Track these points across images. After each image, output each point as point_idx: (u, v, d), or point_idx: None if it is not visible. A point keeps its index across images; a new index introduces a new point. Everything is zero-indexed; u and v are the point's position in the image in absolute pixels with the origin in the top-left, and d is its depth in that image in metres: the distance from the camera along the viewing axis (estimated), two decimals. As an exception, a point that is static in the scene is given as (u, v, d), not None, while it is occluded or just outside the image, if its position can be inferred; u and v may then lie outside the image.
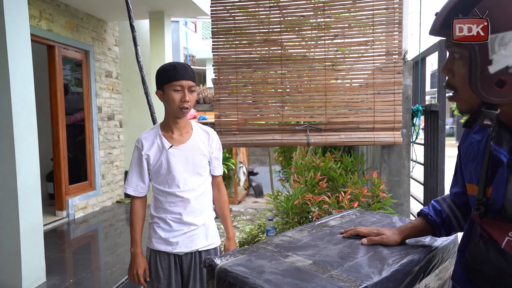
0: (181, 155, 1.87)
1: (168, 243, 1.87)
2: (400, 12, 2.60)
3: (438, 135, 2.77)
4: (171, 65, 1.78)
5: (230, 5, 2.83)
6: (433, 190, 2.85)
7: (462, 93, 0.85)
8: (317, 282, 0.93)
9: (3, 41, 2.77)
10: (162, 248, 1.88)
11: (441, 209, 1.16)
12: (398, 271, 1.02)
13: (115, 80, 6.31)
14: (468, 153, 1.01)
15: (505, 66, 0.75)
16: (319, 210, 2.62)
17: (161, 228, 1.88)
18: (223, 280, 1.02)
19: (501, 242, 0.82)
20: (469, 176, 1.00)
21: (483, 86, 0.78)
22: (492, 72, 0.76)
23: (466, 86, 0.82)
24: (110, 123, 6.18)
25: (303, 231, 1.34)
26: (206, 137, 1.92)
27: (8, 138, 2.86)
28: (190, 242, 1.87)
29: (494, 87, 0.77)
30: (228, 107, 2.91)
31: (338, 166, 2.89)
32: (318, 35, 2.75)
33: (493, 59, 0.76)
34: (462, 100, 0.86)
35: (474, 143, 0.99)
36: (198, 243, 1.89)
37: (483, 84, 0.78)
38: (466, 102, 0.86)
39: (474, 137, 1.00)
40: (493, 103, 0.79)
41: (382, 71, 2.68)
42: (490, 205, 0.86)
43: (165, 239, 1.86)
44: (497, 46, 0.75)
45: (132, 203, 1.92)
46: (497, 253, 0.82)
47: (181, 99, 1.72)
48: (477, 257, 0.86)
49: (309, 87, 2.84)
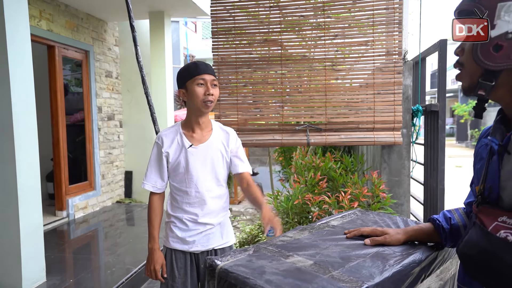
0: (200, 155, 1.86)
1: (184, 242, 1.88)
2: (400, 12, 2.60)
3: (438, 135, 2.76)
4: (193, 63, 1.82)
5: (230, 5, 2.83)
6: (433, 190, 2.85)
7: (467, 67, 0.92)
8: (318, 282, 0.93)
9: (3, 41, 2.77)
10: (178, 247, 1.89)
11: (451, 217, 1.16)
12: (400, 271, 1.02)
13: (115, 80, 6.31)
14: (477, 157, 1.04)
15: (505, 31, 0.82)
16: (319, 210, 2.62)
17: (177, 228, 1.88)
18: (224, 280, 1.02)
19: (489, 226, 0.83)
20: (477, 178, 1.02)
21: (482, 50, 0.85)
22: (492, 36, 0.83)
23: (470, 58, 0.89)
24: (110, 123, 6.18)
25: (304, 231, 1.34)
26: (225, 137, 1.92)
27: (8, 138, 2.85)
28: (207, 241, 1.88)
29: (492, 51, 0.84)
30: (228, 107, 2.91)
31: (338, 166, 2.89)
32: (318, 35, 2.75)
33: (496, 24, 0.83)
34: (466, 74, 0.93)
35: (482, 146, 1.02)
36: (214, 242, 1.90)
37: (483, 48, 0.85)
38: (469, 76, 0.92)
39: (483, 141, 1.03)
40: (488, 68, 0.86)
41: (382, 71, 2.68)
42: (487, 194, 0.90)
43: (181, 238, 1.87)
44: (503, 13, 0.82)
45: (150, 199, 1.93)
46: (483, 236, 0.84)
47: (205, 93, 1.74)
48: (467, 242, 0.88)
49: (309, 87, 2.84)
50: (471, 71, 0.91)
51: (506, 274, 0.78)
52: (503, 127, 0.91)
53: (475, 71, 0.89)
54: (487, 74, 0.87)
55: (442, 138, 2.75)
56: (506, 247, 0.78)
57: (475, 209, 0.92)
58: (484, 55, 0.85)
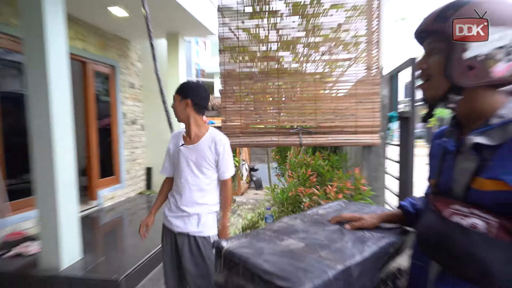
0: (188, 154, 1.96)
1: (167, 220, 2.02)
2: (378, 34, 2.60)
3: (410, 137, 2.76)
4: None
5: (234, 27, 2.83)
6: (405, 183, 2.84)
7: (434, 80, 0.89)
8: (308, 261, 0.93)
9: (45, 59, 2.78)
10: (165, 223, 2.05)
11: (415, 203, 1.18)
12: (377, 252, 1.03)
13: (137, 90, 6.31)
14: (431, 156, 1.05)
15: (475, 55, 0.81)
16: (309, 200, 2.62)
17: (167, 208, 2.04)
18: (229, 260, 1.02)
19: (444, 211, 0.84)
20: (431, 172, 1.03)
21: (457, 69, 0.83)
22: (466, 57, 0.82)
23: (440, 73, 0.86)
24: (133, 127, 6.18)
25: (296, 219, 1.34)
26: (213, 143, 1.94)
27: (49, 140, 2.86)
28: (183, 225, 1.96)
29: (465, 71, 0.82)
30: (233, 113, 2.91)
31: (325, 163, 2.89)
32: (309, 52, 2.75)
33: (469, 47, 0.81)
34: (433, 87, 0.90)
35: (435, 146, 1.03)
36: (189, 228, 1.96)
37: (457, 67, 0.83)
38: (435, 89, 0.89)
39: (436, 142, 1.04)
40: (460, 85, 0.84)
41: (363, 83, 2.68)
42: (441, 187, 0.91)
43: (166, 216, 2.02)
44: None
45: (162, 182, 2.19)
46: (438, 220, 0.84)
47: None
48: (424, 225, 0.89)
49: (302, 97, 2.84)
50: (437, 85, 0.89)
51: (456, 251, 0.79)
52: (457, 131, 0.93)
53: (442, 85, 0.88)
54: (455, 89, 0.86)
55: (413, 140, 2.75)
56: (458, 229, 0.80)
57: (432, 198, 0.92)
58: (458, 74, 0.83)
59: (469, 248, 0.77)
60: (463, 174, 0.85)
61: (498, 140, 0.81)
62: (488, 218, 0.78)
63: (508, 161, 0.78)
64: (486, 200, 0.80)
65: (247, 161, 7.27)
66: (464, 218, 0.80)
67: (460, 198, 0.85)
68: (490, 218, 0.78)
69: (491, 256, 0.75)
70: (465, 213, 0.81)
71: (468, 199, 0.83)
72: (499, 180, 0.77)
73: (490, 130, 0.83)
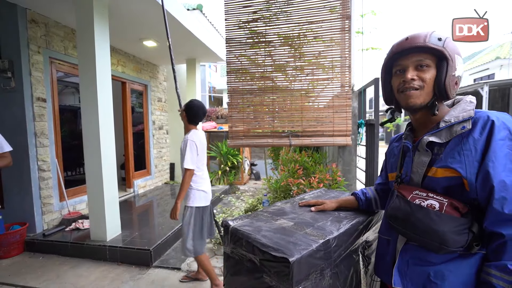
0: None
1: None
2: (349, 59, 2.60)
3: (374, 139, 2.76)
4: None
5: (238, 54, 2.83)
6: (371, 175, 2.85)
7: (426, 89, 0.85)
8: (296, 236, 0.93)
9: (95, 80, 2.81)
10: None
11: (366, 192, 1.18)
12: (349, 228, 1.02)
13: (163, 103, 6.30)
14: (390, 154, 1.05)
15: (459, 74, 0.83)
16: (297, 189, 2.62)
17: None
18: (234, 235, 1.02)
19: (408, 197, 0.84)
20: (390, 167, 1.03)
21: (451, 83, 0.83)
22: (456, 75, 0.83)
23: (432, 84, 0.84)
24: (160, 131, 6.17)
25: (287, 203, 1.33)
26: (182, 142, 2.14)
27: (97, 142, 2.88)
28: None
29: (453, 84, 0.83)
30: (237, 121, 2.91)
31: (310, 160, 2.88)
32: (296, 73, 2.75)
33: (457, 67, 0.82)
34: (424, 94, 0.85)
35: (394, 147, 1.04)
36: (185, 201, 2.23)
37: (451, 82, 0.83)
38: (425, 97, 0.86)
39: (394, 144, 1.05)
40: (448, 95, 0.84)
41: (338, 97, 2.67)
42: (403, 178, 0.91)
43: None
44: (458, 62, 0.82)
45: None
46: (405, 203, 0.84)
47: None
48: (393, 207, 0.89)
49: (291, 107, 2.83)
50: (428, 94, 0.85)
51: (418, 226, 0.79)
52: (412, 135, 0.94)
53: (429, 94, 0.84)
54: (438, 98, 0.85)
55: (376, 142, 2.75)
56: (419, 209, 0.80)
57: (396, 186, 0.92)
58: (451, 87, 0.83)
59: (429, 223, 0.77)
60: (421, 166, 0.85)
61: (446, 138, 0.81)
62: (441, 199, 0.78)
63: (454, 153, 0.78)
64: (439, 185, 0.80)
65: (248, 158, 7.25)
66: (423, 201, 0.80)
67: (419, 185, 0.85)
68: (442, 199, 0.78)
69: (445, 228, 0.75)
70: (423, 196, 0.81)
71: (425, 185, 0.84)
72: (449, 167, 0.78)
73: (440, 131, 0.83)
